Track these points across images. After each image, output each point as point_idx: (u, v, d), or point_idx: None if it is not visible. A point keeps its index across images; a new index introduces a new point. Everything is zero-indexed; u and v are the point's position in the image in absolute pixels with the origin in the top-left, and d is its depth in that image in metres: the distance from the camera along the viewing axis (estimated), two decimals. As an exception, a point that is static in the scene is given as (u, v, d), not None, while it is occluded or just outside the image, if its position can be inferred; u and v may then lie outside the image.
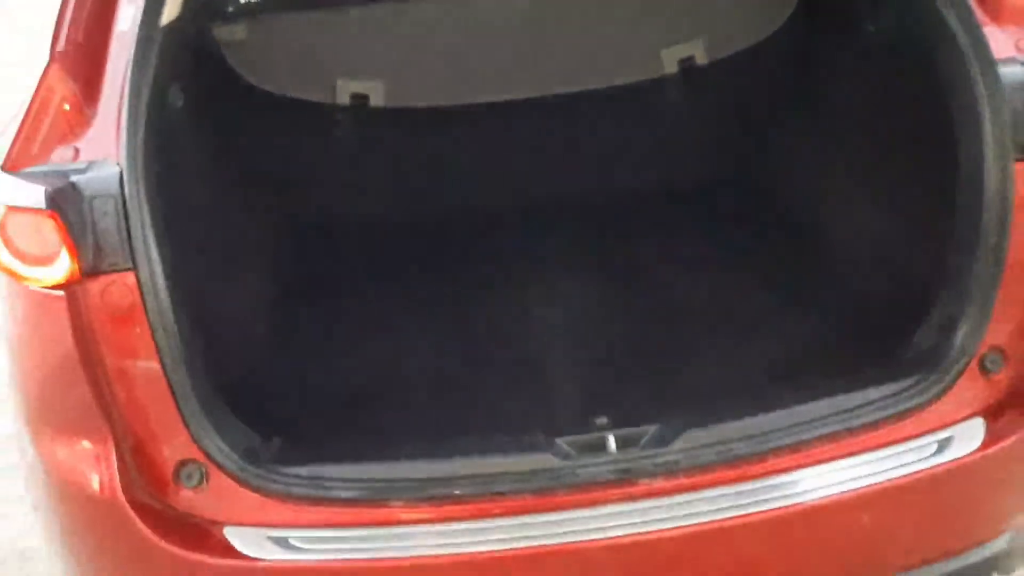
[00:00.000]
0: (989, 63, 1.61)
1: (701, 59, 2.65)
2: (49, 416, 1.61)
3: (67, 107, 1.62)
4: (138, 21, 1.61)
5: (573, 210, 2.62)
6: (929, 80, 1.73)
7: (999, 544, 1.76)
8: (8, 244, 1.47)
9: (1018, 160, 1.61)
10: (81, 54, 1.68)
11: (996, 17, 1.72)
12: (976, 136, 1.62)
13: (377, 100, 2.64)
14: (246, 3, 2.67)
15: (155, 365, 1.51)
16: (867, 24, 2.07)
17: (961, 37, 1.64)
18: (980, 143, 1.62)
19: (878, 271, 2.06)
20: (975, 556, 1.73)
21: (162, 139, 1.61)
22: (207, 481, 1.58)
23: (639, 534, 1.52)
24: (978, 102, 1.62)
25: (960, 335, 1.66)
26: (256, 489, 1.57)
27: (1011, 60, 1.65)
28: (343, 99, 2.63)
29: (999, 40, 1.68)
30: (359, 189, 2.70)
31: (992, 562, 1.77)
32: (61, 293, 1.49)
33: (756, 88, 2.63)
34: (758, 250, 2.45)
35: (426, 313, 2.32)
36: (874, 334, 1.86)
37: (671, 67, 2.66)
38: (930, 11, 1.69)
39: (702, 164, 2.73)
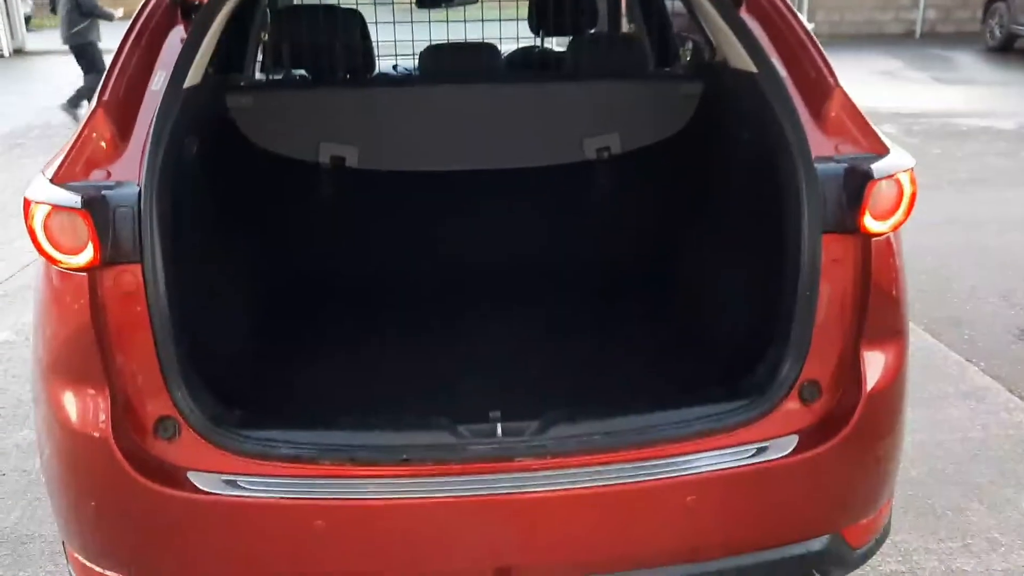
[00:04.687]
0: (809, 159, 2.01)
1: (616, 149, 3.15)
2: (62, 370, 1.92)
3: (104, 142, 1.96)
4: (166, 82, 2.05)
5: (505, 259, 3.07)
6: (772, 173, 2.12)
7: (815, 545, 2.09)
8: (49, 235, 1.83)
9: (825, 232, 2.00)
10: (120, 103, 2.00)
11: (823, 127, 2.10)
12: (797, 213, 2.00)
13: (352, 162, 3.09)
14: (255, 81, 3.25)
15: (148, 338, 1.88)
16: (741, 133, 2.45)
17: (792, 141, 2.04)
18: (799, 219, 2.00)
19: (734, 321, 2.44)
20: (791, 551, 2.06)
21: (175, 173, 1.98)
22: (179, 434, 1.93)
23: (510, 494, 1.91)
24: (799, 187, 2.00)
25: (783, 370, 2.04)
26: (217, 444, 1.93)
27: (827, 159, 2.04)
28: (324, 159, 3.08)
29: (822, 143, 2.07)
30: (333, 232, 3.15)
31: (809, 560, 2.09)
32: (84, 275, 1.85)
33: (659, 174, 3.08)
34: (648, 302, 2.93)
35: (372, 332, 2.77)
36: (726, 368, 2.24)
37: (591, 154, 3.15)
38: (774, 123, 2.10)
39: (614, 231, 3.18)
